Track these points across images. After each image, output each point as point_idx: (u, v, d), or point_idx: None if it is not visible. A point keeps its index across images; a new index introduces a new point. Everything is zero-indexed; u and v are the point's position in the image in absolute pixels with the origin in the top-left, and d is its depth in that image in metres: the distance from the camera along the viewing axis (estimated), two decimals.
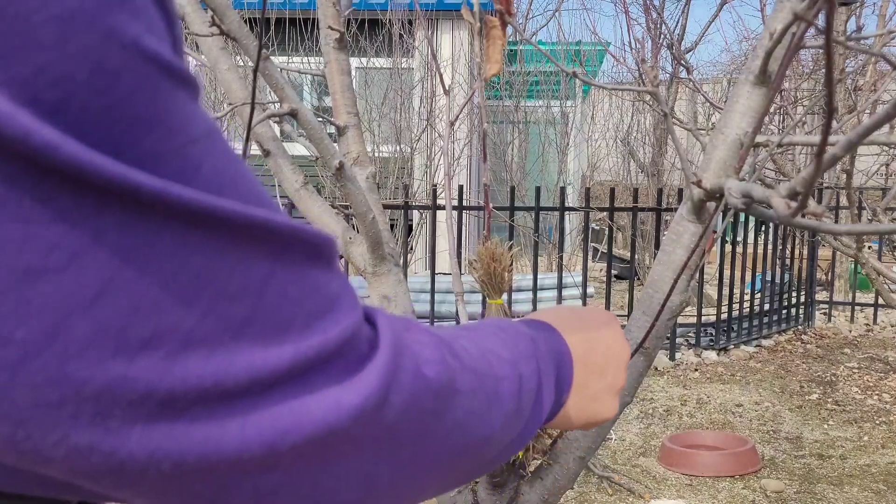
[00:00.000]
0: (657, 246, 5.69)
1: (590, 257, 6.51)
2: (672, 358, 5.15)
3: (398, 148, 8.12)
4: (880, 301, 6.19)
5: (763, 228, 6.13)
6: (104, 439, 0.30)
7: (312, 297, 0.36)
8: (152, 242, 0.30)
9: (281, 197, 1.40)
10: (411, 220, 7.37)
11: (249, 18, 6.43)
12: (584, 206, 5.31)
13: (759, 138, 1.11)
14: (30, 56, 0.28)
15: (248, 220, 0.33)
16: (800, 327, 6.28)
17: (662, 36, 6.68)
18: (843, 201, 5.54)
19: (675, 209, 1.27)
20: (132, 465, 0.31)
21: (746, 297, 5.74)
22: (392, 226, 4.00)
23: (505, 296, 1.02)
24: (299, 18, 7.93)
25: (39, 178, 0.28)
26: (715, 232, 1.00)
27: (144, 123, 0.30)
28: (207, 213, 0.31)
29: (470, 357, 0.46)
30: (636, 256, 5.97)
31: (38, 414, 0.29)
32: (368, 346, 0.38)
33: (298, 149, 1.45)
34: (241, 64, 4.66)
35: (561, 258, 5.20)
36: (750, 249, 5.84)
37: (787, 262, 6.24)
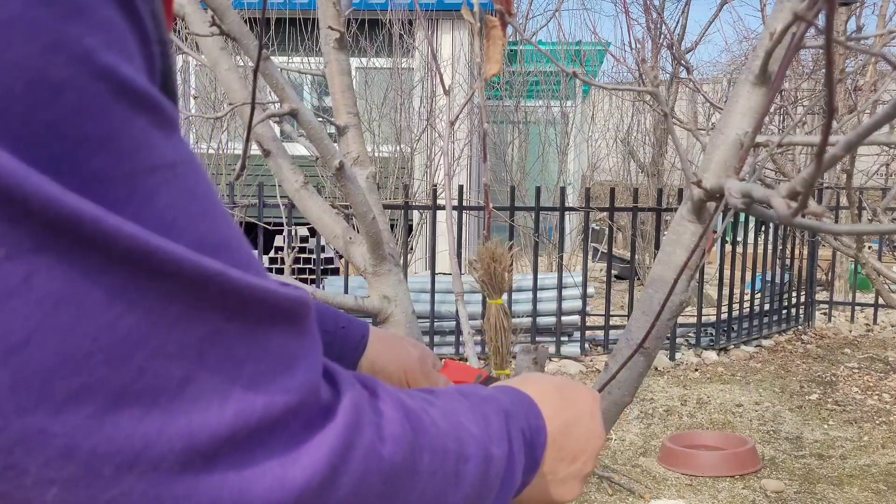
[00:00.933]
0: (657, 246, 5.70)
1: (590, 257, 6.51)
2: (672, 358, 5.15)
3: (398, 148, 8.12)
4: (880, 301, 6.19)
5: (763, 228, 6.13)
6: (17, 491, 0.28)
7: (263, 359, 0.33)
8: (88, 287, 0.28)
9: (281, 197, 1.40)
10: (411, 220, 7.37)
11: (249, 18, 6.43)
12: (584, 206, 5.31)
13: (759, 138, 1.11)
14: None
15: (197, 271, 0.30)
16: (800, 327, 6.28)
17: (662, 36, 6.68)
18: (843, 201, 5.54)
19: (675, 209, 1.27)
20: None
21: (746, 297, 5.74)
22: (392, 226, 4.00)
23: (505, 296, 1.02)
24: (299, 18, 7.93)
25: None
26: (715, 232, 1.01)
27: (91, 143, 0.28)
28: (149, 256, 0.29)
29: (437, 432, 0.43)
30: (636, 256, 5.97)
31: None
32: (323, 414, 0.35)
33: (298, 149, 1.45)
34: (241, 64, 4.66)
35: (561, 258, 5.20)
36: (750, 249, 5.84)
37: (787, 262, 6.24)
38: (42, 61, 0.27)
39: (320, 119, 1.28)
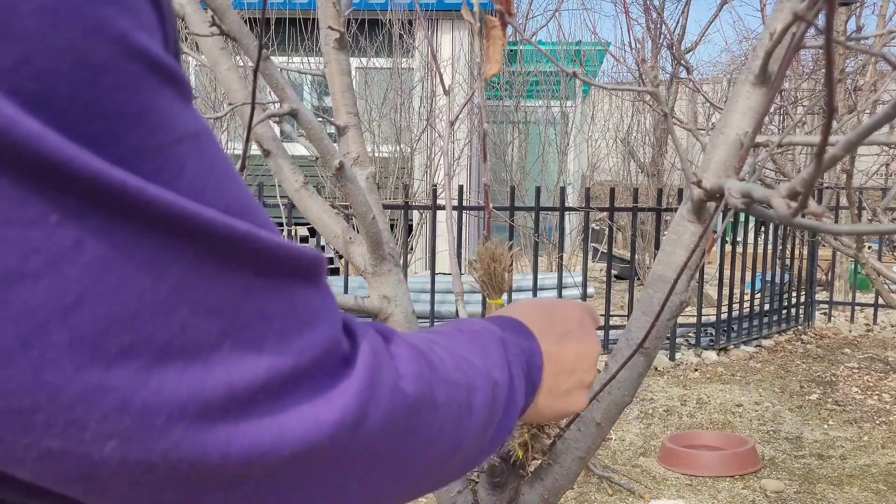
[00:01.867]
0: (657, 246, 5.70)
1: (590, 257, 6.51)
2: (672, 358, 5.15)
3: (398, 148, 8.12)
4: (880, 301, 6.19)
5: (763, 228, 6.13)
6: (77, 447, 0.29)
7: (290, 314, 0.35)
8: (132, 250, 0.30)
9: (281, 197, 1.40)
10: (411, 220, 7.37)
11: (249, 18, 6.43)
12: (584, 206, 5.31)
13: (759, 138, 1.11)
14: (11, 46, 0.27)
15: (230, 232, 0.32)
16: (800, 327, 6.28)
17: (662, 36, 6.68)
18: (843, 201, 5.54)
19: (675, 209, 1.27)
20: (104, 471, 0.30)
21: (746, 297, 5.74)
22: (392, 226, 4.00)
23: (505, 296, 1.02)
24: (299, 18, 7.93)
25: (19, 174, 0.27)
26: (715, 232, 1.01)
27: (128, 119, 0.30)
28: (187, 221, 0.31)
29: (445, 368, 0.46)
30: (636, 256, 5.97)
31: (10, 419, 0.28)
32: (345, 363, 0.38)
33: (298, 149, 1.45)
34: (241, 64, 4.66)
35: (561, 258, 5.20)
36: (750, 249, 5.84)
37: (787, 262, 6.24)
38: (84, 43, 0.29)
39: (320, 119, 1.28)
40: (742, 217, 5.49)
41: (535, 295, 5.00)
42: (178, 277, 0.31)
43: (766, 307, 5.87)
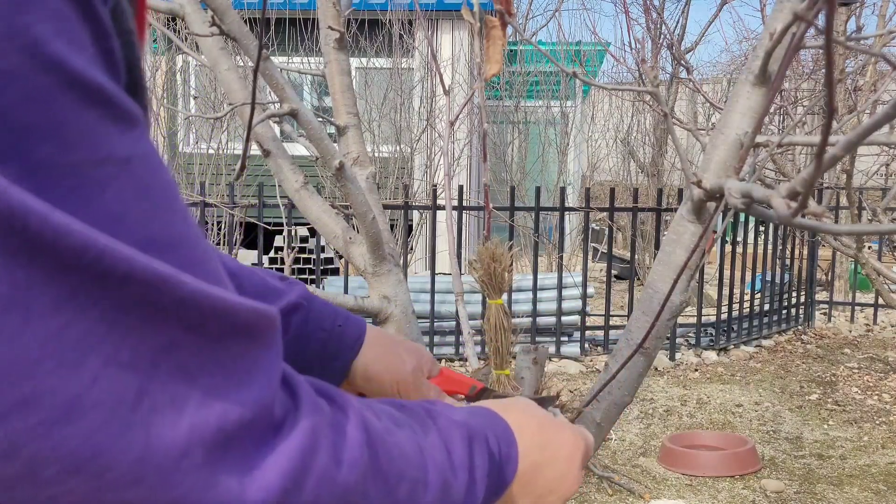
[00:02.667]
0: (657, 246, 5.69)
1: (590, 257, 6.51)
2: (672, 358, 5.14)
3: (398, 148, 8.12)
4: (880, 301, 6.19)
5: (763, 228, 6.13)
6: None
7: (218, 371, 0.32)
8: (34, 293, 0.27)
9: (281, 197, 1.40)
10: (411, 220, 7.37)
11: (249, 18, 6.43)
12: (584, 206, 5.31)
13: (759, 138, 1.11)
14: None
15: (152, 277, 0.29)
16: (800, 327, 6.28)
17: (662, 36, 6.68)
18: (843, 201, 5.54)
19: (675, 209, 1.27)
20: None
21: (746, 297, 5.74)
22: (392, 226, 4.00)
23: (505, 296, 1.02)
24: (299, 18, 7.93)
25: None
26: (715, 232, 1.01)
27: (37, 132, 0.28)
28: (99, 261, 0.28)
29: (399, 455, 0.43)
30: (636, 256, 5.98)
31: None
32: (277, 434, 0.35)
33: (298, 149, 1.45)
34: (241, 64, 4.67)
35: (561, 258, 5.20)
36: (750, 249, 5.84)
37: (787, 262, 6.24)
38: None
39: (320, 119, 1.28)
40: (742, 217, 5.49)
41: (535, 295, 5.00)
42: (87, 325, 0.28)
43: (766, 307, 5.87)
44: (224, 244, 5.84)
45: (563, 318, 5.09)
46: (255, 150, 1.28)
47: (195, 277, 0.31)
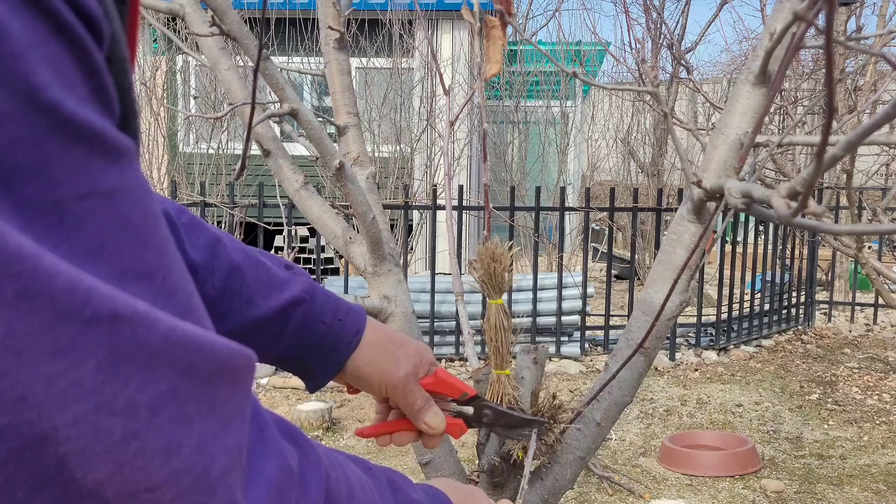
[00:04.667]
0: (657, 246, 5.69)
1: (590, 257, 6.51)
2: (672, 358, 5.15)
3: (398, 148, 8.12)
4: (880, 301, 6.19)
5: (763, 228, 6.13)
6: None
7: (198, 415, 0.32)
8: (13, 325, 0.27)
9: (281, 197, 1.40)
10: (411, 220, 7.37)
11: (249, 18, 6.43)
12: (584, 206, 5.31)
13: (759, 138, 1.11)
14: None
15: (119, 315, 0.29)
16: (800, 327, 6.28)
17: (662, 36, 6.67)
18: (843, 201, 5.54)
19: (675, 209, 1.27)
20: None
21: (746, 297, 5.74)
22: (392, 226, 4.00)
23: (505, 296, 1.02)
24: (299, 18, 7.93)
25: None
26: (715, 232, 1.01)
27: (26, 171, 0.28)
28: (82, 301, 0.28)
29: None
30: (636, 256, 5.97)
31: None
32: (244, 481, 0.36)
33: (298, 149, 1.45)
34: (241, 64, 4.67)
35: (561, 258, 5.20)
36: (750, 249, 5.84)
37: (787, 262, 6.24)
38: None
39: (320, 119, 1.28)
40: (742, 217, 5.49)
41: (535, 295, 5.00)
42: (89, 369, 0.28)
43: (766, 307, 5.87)
44: None
45: (563, 318, 5.09)
46: (255, 149, 1.28)
47: (165, 309, 0.32)
